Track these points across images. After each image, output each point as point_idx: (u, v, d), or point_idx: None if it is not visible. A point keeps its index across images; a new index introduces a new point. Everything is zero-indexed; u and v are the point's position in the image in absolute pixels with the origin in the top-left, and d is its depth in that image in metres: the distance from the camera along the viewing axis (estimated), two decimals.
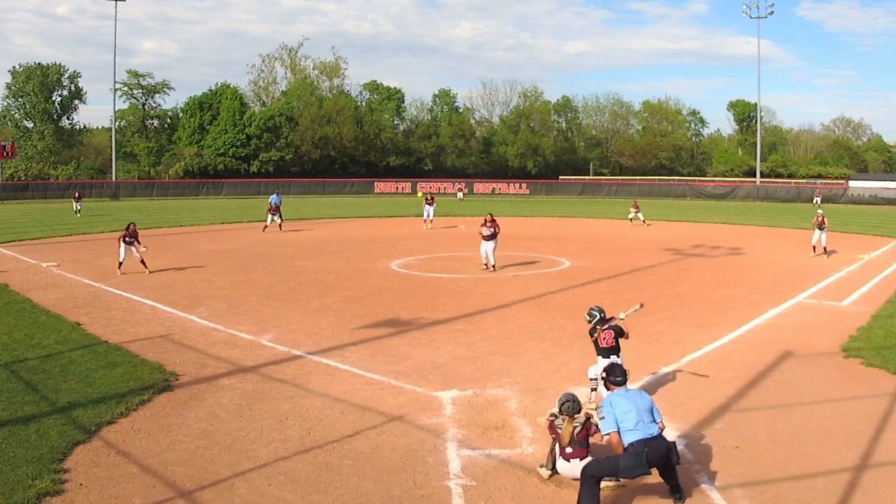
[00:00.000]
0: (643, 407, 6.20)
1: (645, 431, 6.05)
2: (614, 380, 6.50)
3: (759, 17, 66.65)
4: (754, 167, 73.58)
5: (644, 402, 6.28)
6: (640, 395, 6.39)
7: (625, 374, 6.57)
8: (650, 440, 6.01)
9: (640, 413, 6.12)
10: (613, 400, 6.23)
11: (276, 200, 33.70)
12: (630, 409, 6.11)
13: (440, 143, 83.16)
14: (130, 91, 79.30)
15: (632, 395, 6.36)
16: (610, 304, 14.55)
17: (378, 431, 7.68)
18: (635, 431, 6.05)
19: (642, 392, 6.52)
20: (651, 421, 6.16)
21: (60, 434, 7.40)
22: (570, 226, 34.63)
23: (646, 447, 5.96)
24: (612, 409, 6.14)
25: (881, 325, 12.48)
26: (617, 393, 6.35)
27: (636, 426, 6.06)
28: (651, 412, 6.22)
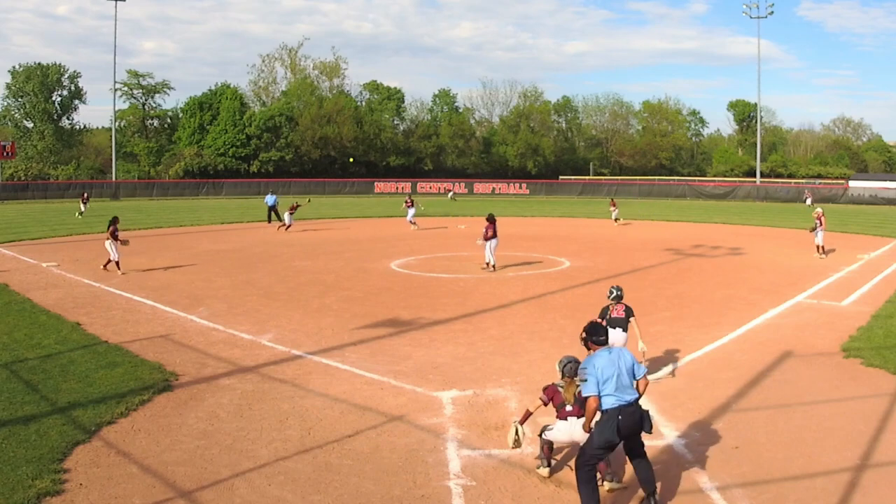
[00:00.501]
0: (625, 369, 6.00)
1: (621, 397, 5.90)
2: (597, 339, 6.19)
3: (759, 17, 66.70)
4: (754, 167, 73.58)
5: (626, 362, 6.05)
6: (623, 355, 6.11)
7: (606, 332, 6.33)
8: (625, 407, 5.88)
9: (621, 376, 5.94)
10: (597, 361, 5.98)
11: (271, 201, 33.96)
12: (612, 373, 5.91)
13: (440, 143, 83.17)
14: (130, 91, 79.34)
15: (615, 354, 6.08)
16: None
17: (378, 431, 7.68)
18: (612, 397, 5.90)
19: (624, 349, 6.25)
20: (630, 384, 5.99)
21: (60, 434, 7.40)
22: (570, 226, 34.62)
23: (619, 414, 5.85)
24: (595, 371, 5.93)
25: (881, 325, 12.48)
26: (600, 354, 6.06)
27: (615, 391, 5.90)
28: (632, 373, 6.04)
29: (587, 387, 5.94)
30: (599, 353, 6.06)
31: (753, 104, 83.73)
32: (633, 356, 6.21)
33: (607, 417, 5.89)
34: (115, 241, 18.48)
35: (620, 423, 5.85)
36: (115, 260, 18.44)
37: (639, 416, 5.94)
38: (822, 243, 22.39)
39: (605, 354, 6.05)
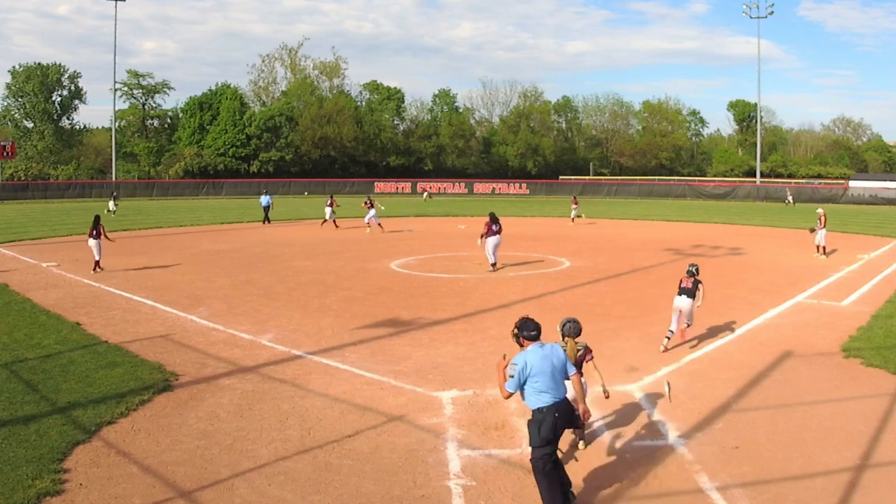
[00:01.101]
0: (558, 366, 5.98)
1: (556, 395, 5.89)
2: (528, 335, 6.06)
3: (759, 17, 66.73)
4: (754, 167, 73.58)
5: (559, 359, 6.03)
6: (555, 352, 6.08)
7: (538, 328, 6.08)
8: (560, 404, 5.89)
9: (555, 373, 5.92)
10: (528, 357, 5.91)
11: (266, 201, 34.14)
12: (544, 370, 5.86)
13: (440, 143, 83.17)
14: (130, 91, 79.35)
15: (547, 351, 6.02)
16: (610, 303, 14.62)
17: (378, 431, 7.68)
18: (546, 395, 5.86)
19: (556, 346, 6.19)
20: (562, 381, 6.00)
21: (60, 434, 7.40)
22: (570, 226, 34.62)
23: (556, 412, 5.85)
24: (524, 370, 5.86)
25: (881, 325, 12.48)
26: (532, 350, 5.98)
27: (548, 389, 5.86)
28: (564, 370, 6.05)
29: (509, 383, 5.93)
30: (532, 349, 5.99)
31: (753, 104, 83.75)
32: (566, 354, 6.22)
33: (543, 416, 5.85)
34: (99, 239, 18.51)
35: (558, 419, 5.85)
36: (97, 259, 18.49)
37: (571, 413, 6.02)
38: (823, 243, 22.38)
39: (538, 350, 5.99)
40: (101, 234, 18.67)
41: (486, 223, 18.94)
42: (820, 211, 23.23)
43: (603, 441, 7.48)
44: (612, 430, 7.75)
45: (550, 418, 5.81)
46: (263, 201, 34.44)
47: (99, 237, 18.60)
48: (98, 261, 18.49)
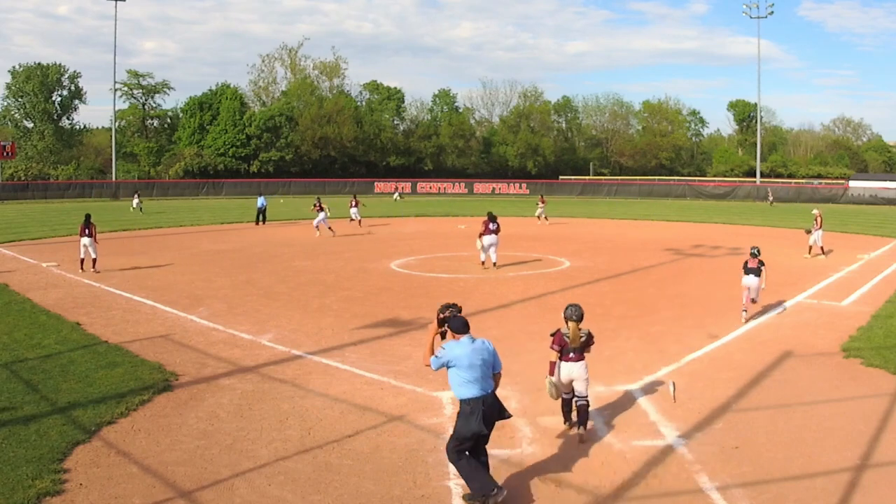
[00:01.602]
0: (488, 359, 6.14)
1: (483, 387, 6.05)
2: (457, 329, 6.19)
3: (759, 17, 66.74)
4: (754, 167, 73.60)
5: (488, 353, 6.17)
6: (484, 346, 6.21)
7: (466, 324, 6.20)
8: (486, 397, 6.06)
9: (483, 366, 6.07)
10: (457, 351, 6.07)
11: (262, 203, 33.99)
12: (474, 363, 6.02)
13: (440, 143, 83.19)
14: (130, 91, 79.40)
15: (478, 345, 6.16)
16: (610, 303, 14.62)
17: (378, 431, 7.68)
18: (474, 386, 6.02)
19: (485, 341, 6.29)
20: (489, 375, 6.15)
21: (60, 434, 7.40)
22: (570, 226, 34.63)
23: (482, 405, 6.02)
24: (450, 356, 6.03)
25: (881, 325, 12.48)
26: (464, 342, 6.12)
27: (476, 381, 6.02)
28: (492, 365, 6.19)
29: (433, 360, 6.14)
30: (464, 341, 6.15)
31: (753, 104, 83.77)
32: (495, 350, 6.32)
33: (471, 409, 6.01)
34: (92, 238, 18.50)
35: (485, 412, 6.02)
36: (82, 258, 18.48)
37: (497, 405, 6.19)
38: (820, 243, 22.35)
39: (469, 343, 6.13)
40: (93, 234, 18.56)
41: (483, 222, 19.01)
42: (816, 212, 23.11)
43: (603, 441, 7.48)
44: (612, 430, 7.74)
45: (479, 410, 5.99)
46: (260, 203, 34.37)
47: (91, 236, 18.52)
48: (94, 259, 18.46)
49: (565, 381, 7.52)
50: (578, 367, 7.47)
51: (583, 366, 7.51)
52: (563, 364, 7.52)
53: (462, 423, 6.04)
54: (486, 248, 19.00)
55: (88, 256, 18.53)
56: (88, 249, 18.50)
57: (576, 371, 7.45)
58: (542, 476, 6.63)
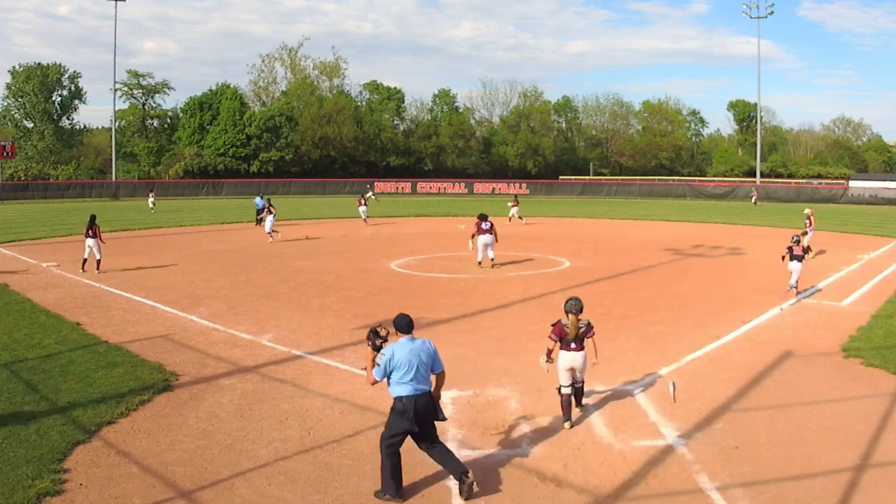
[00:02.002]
0: (424, 360, 6.26)
1: (416, 387, 6.18)
2: (400, 327, 6.36)
3: (759, 17, 66.69)
4: (754, 167, 73.56)
5: (426, 354, 6.29)
6: (424, 346, 6.34)
7: (410, 323, 6.35)
8: (419, 396, 6.18)
9: (419, 367, 6.20)
10: (397, 350, 6.22)
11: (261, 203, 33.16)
12: (411, 363, 6.17)
13: (440, 143, 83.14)
14: (130, 91, 79.34)
15: (417, 345, 6.30)
16: (610, 303, 14.62)
17: (378, 431, 7.63)
18: (407, 385, 6.17)
19: (427, 342, 6.41)
20: (426, 376, 6.28)
21: (60, 434, 7.40)
22: (570, 226, 34.63)
23: (414, 403, 6.15)
24: (391, 360, 6.17)
25: (881, 325, 12.48)
26: (401, 343, 6.30)
27: (410, 380, 6.16)
28: (430, 366, 6.32)
29: (376, 371, 6.25)
30: (402, 342, 6.30)
31: (753, 104, 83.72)
32: (436, 351, 6.44)
33: (404, 407, 6.18)
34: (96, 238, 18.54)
35: (416, 411, 6.15)
36: (84, 258, 18.53)
37: (432, 406, 6.30)
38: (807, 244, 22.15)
39: (408, 344, 6.29)
40: (97, 234, 18.62)
41: (475, 223, 19.21)
42: (807, 211, 22.97)
43: (603, 441, 7.48)
44: (613, 430, 7.74)
45: (411, 408, 6.15)
46: (259, 203, 33.78)
47: (96, 237, 18.56)
48: (98, 260, 18.49)
49: (566, 369, 7.84)
50: (579, 356, 7.84)
51: (583, 356, 7.87)
52: (565, 353, 7.86)
53: (394, 419, 6.23)
54: (483, 248, 19.14)
55: (92, 257, 18.55)
56: (93, 250, 18.52)
57: (577, 361, 7.83)
58: (541, 476, 6.63)
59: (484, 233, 18.98)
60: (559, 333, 7.87)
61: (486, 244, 19.10)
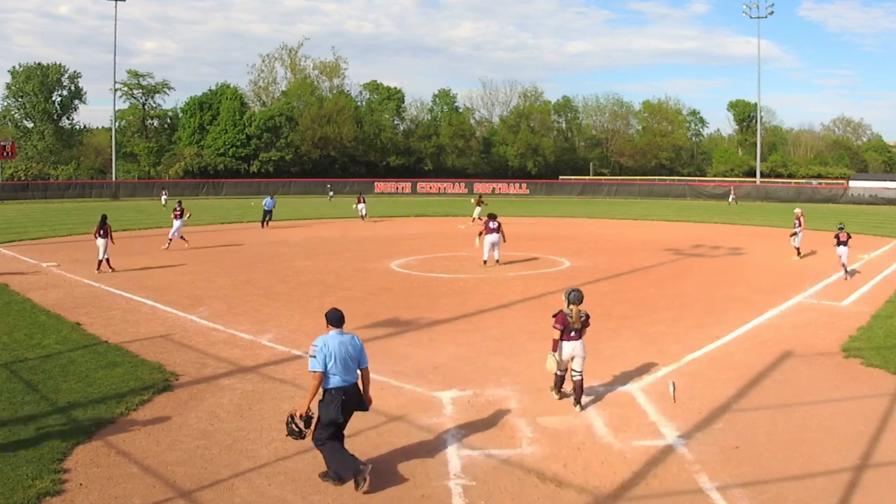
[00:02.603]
0: (353, 353, 6.47)
1: (345, 378, 6.39)
2: (332, 321, 6.61)
3: (759, 17, 66.71)
4: (754, 167, 73.58)
5: (355, 348, 6.52)
6: (353, 341, 6.55)
7: (341, 318, 6.61)
8: (348, 387, 6.41)
9: (347, 360, 6.41)
10: (327, 341, 6.44)
11: (270, 204, 32.88)
12: (340, 354, 6.37)
13: (440, 143, 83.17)
14: (130, 91, 79.39)
15: (346, 338, 6.52)
16: (610, 303, 14.62)
17: (378, 431, 7.68)
18: (337, 377, 6.37)
19: (355, 337, 6.64)
20: (353, 368, 6.48)
21: (60, 434, 7.40)
22: (570, 226, 34.62)
23: (343, 394, 6.37)
24: (324, 350, 6.37)
25: (881, 325, 12.48)
26: (331, 335, 6.51)
27: (338, 372, 6.36)
28: (358, 360, 6.52)
29: (313, 363, 6.37)
30: (332, 335, 6.51)
31: (753, 104, 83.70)
32: (363, 346, 6.61)
33: (331, 397, 6.38)
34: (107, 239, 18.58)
35: (344, 402, 6.37)
36: (100, 259, 18.56)
37: (358, 398, 6.54)
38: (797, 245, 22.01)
39: (338, 336, 6.49)
40: (108, 234, 18.69)
41: (483, 222, 19.71)
42: (798, 211, 22.77)
43: (603, 441, 7.48)
44: (613, 430, 7.74)
45: (338, 400, 6.35)
46: (268, 204, 32.72)
47: (107, 237, 18.62)
48: (107, 259, 18.54)
49: (567, 358, 8.30)
50: (579, 345, 8.31)
51: (582, 344, 8.34)
52: (566, 343, 8.26)
53: (323, 410, 6.40)
54: (490, 248, 19.42)
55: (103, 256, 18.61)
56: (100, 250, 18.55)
57: (577, 349, 8.28)
58: (541, 476, 6.63)
59: (491, 232, 19.26)
60: (563, 322, 8.23)
61: (493, 243, 19.40)
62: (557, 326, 8.24)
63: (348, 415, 6.52)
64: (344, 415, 6.44)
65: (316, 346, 6.41)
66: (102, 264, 18.52)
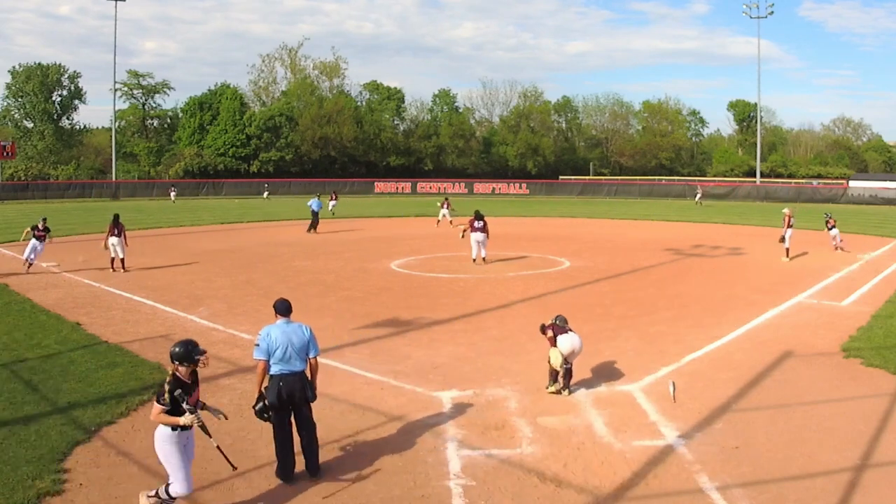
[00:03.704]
0: (297, 343, 6.58)
1: (287, 367, 6.52)
2: (279, 310, 6.77)
3: (759, 17, 66.67)
4: (754, 167, 73.54)
5: (299, 338, 6.62)
6: (299, 330, 6.68)
7: (288, 308, 6.79)
8: (287, 375, 6.52)
9: (292, 348, 6.54)
10: (271, 330, 6.61)
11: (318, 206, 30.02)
12: (282, 343, 6.51)
13: (440, 143, 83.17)
14: (130, 91, 79.38)
15: (291, 328, 6.66)
16: (610, 303, 14.62)
17: (378, 431, 7.68)
18: (277, 365, 6.52)
19: (303, 326, 6.76)
20: (301, 358, 6.60)
21: (60, 434, 7.40)
22: (570, 226, 34.62)
23: (281, 381, 6.49)
24: (267, 339, 6.53)
25: (881, 325, 12.47)
26: (277, 324, 6.67)
27: (281, 360, 6.51)
28: (305, 350, 6.63)
29: (256, 351, 6.59)
30: (277, 324, 6.68)
31: (753, 104, 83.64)
32: (312, 336, 6.76)
33: (272, 384, 6.54)
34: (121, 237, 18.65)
35: (281, 388, 6.48)
36: (112, 257, 18.63)
37: (301, 386, 6.59)
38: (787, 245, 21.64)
39: (283, 326, 6.66)
40: (122, 233, 18.74)
41: (469, 220, 20.09)
42: (786, 210, 22.52)
43: (603, 441, 7.48)
44: (613, 430, 7.74)
45: (276, 386, 6.49)
46: (314, 205, 29.87)
47: (120, 235, 18.68)
48: (122, 259, 18.62)
49: (568, 349, 8.67)
50: (577, 338, 8.75)
51: (579, 339, 8.80)
52: (563, 336, 8.72)
53: (268, 393, 6.55)
54: (476, 246, 19.96)
55: (118, 256, 18.66)
56: (116, 249, 18.61)
57: (577, 340, 8.72)
58: (541, 476, 6.63)
59: (476, 230, 19.72)
60: (556, 331, 8.81)
61: (478, 241, 19.90)
62: (549, 333, 8.85)
63: (288, 403, 6.54)
64: (280, 401, 6.48)
65: (260, 336, 6.59)
66: (116, 262, 18.57)
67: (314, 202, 30.15)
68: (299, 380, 6.59)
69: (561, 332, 8.74)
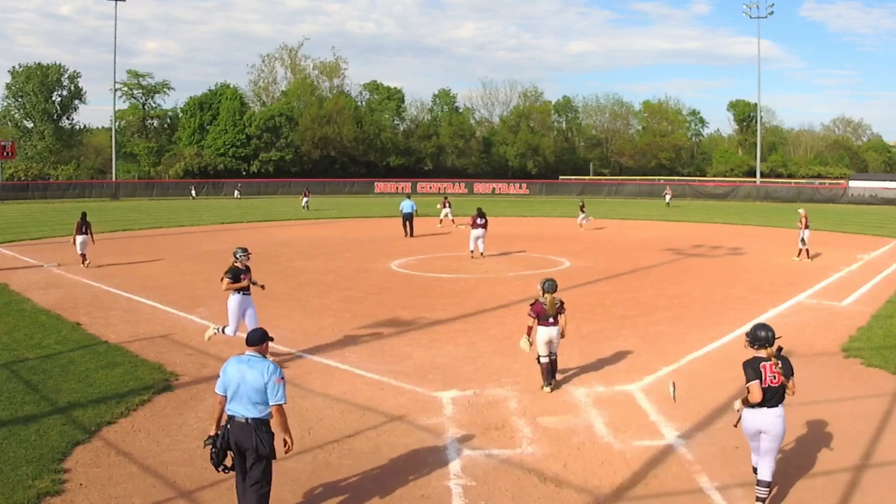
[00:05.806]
0: (251, 384, 5.46)
1: (238, 410, 5.50)
2: (248, 341, 5.74)
3: (759, 17, 66.64)
4: (754, 167, 73.52)
5: (255, 379, 5.46)
6: (259, 371, 5.50)
7: (258, 340, 5.69)
8: (236, 419, 5.49)
9: (245, 389, 5.47)
10: (227, 366, 5.64)
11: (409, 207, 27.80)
12: (233, 381, 5.51)
13: (440, 143, 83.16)
14: (130, 91, 79.33)
15: (251, 366, 5.54)
16: (610, 303, 14.62)
17: (378, 431, 7.68)
18: (230, 405, 5.55)
19: (269, 368, 5.54)
20: (256, 402, 5.47)
21: (60, 434, 7.40)
22: (571, 226, 34.59)
23: (229, 424, 5.54)
24: (223, 372, 5.63)
25: (881, 325, 12.47)
26: (232, 360, 5.68)
27: (233, 400, 5.52)
28: (263, 392, 5.46)
29: (217, 384, 5.67)
30: (232, 359, 5.71)
31: (754, 104, 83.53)
32: (274, 381, 5.50)
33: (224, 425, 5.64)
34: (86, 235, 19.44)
35: (228, 432, 5.52)
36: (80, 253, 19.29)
37: (247, 436, 5.45)
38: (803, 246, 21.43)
39: (235, 362, 5.63)
40: (88, 231, 19.50)
41: (472, 217, 21.12)
42: (801, 211, 22.46)
43: (603, 441, 7.48)
44: (613, 430, 7.74)
45: (224, 429, 5.57)
46: (406, 207, 27.74)
47: (86, 233, 19.42)
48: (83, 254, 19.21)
49: (545, 342, 8.96)
50: (555, 330, 9.01)
51: (557, 329, 9.03)
52: (543, 328, 8.97)
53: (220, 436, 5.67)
54: (474, 241, 21.00)
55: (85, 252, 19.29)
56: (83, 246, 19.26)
57: (553, 333, 8.99)
58: (541, 476, 6.63)
59: (477, 227, 20.84)
60: (538, 311, 8.95)
61: (477, 237, 20.99)
62: (532, 314, 8.95)
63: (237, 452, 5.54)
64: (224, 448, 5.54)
65: (222, 370, 5.68)
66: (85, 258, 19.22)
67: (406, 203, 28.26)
68: (248, 427, 5.46)
69: (542, 317, 8.91)
